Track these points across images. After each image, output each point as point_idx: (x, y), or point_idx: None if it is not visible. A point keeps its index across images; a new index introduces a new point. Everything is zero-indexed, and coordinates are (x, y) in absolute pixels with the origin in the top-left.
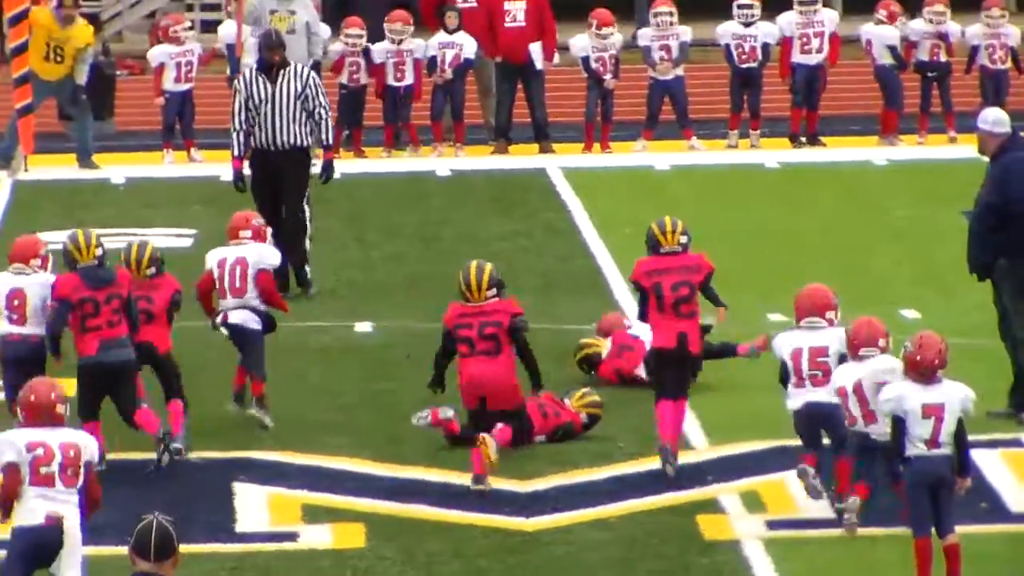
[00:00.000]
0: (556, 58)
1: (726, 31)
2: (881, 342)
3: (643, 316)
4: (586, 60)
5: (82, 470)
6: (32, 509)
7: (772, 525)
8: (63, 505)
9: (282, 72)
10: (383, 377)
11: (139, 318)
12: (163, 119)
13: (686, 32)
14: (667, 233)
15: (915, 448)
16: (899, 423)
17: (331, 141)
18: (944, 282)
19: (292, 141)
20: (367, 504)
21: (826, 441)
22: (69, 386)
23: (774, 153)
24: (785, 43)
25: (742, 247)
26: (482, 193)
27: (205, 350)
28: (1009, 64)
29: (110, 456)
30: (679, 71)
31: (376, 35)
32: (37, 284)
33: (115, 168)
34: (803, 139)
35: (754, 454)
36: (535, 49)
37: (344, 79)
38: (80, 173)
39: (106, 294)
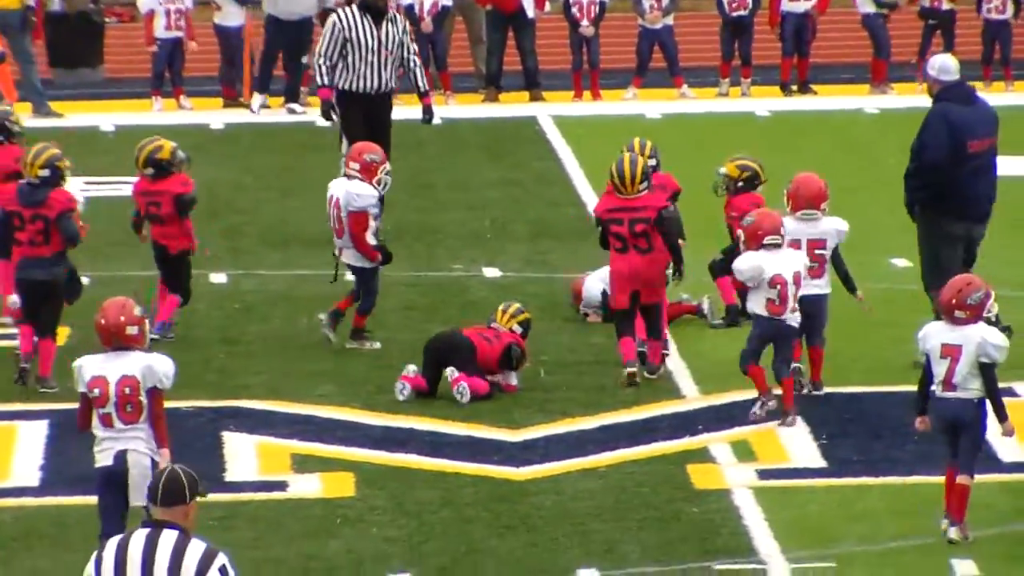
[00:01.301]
0: (547, 6)
1: None
2: (782, 230)
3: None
4: (568, 4)
5: (144, 399)
6: (101, 449)
7: (762, 474)
8: (127, 441)
9: (386, 16)
10: (374, 326)
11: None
12: (152, 67)
13: None
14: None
15: (936, 388)
16: (925, 361)
17: (426, 85)
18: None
19: (391, 86)
20: (356, 453)
21: None
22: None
23: (765, 101)
24: None
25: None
26: (473, 141)
27: (194, 300)
28: (1010, 14)
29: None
30: (668, 20)
31: None
32: None
33: (104, 116)
34: (794, 87)
35: (744, 404)
36: None
37: None
38: (69, 120)
39: (32, 213)
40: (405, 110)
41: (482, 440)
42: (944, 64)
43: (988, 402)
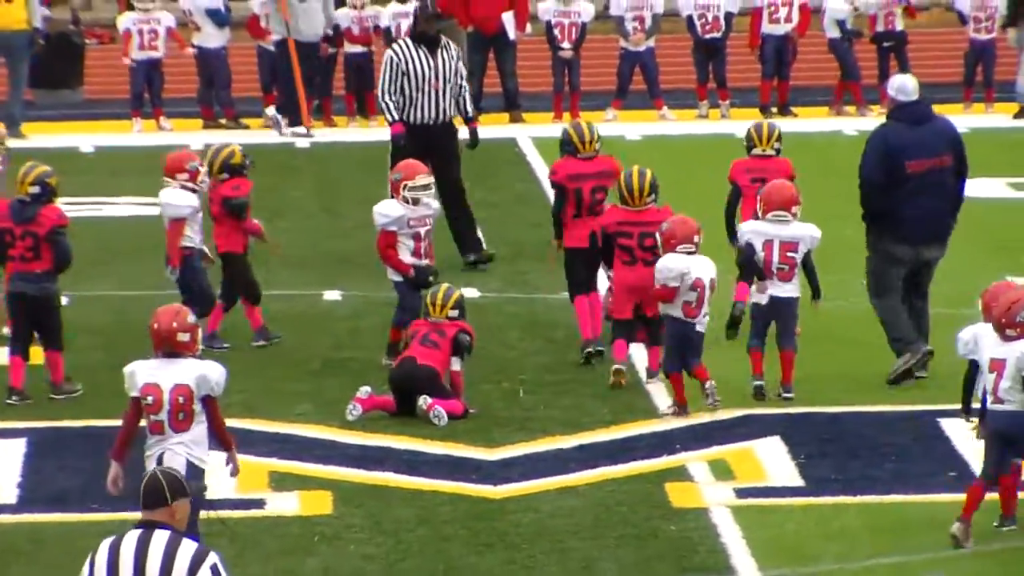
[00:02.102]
0: (528, 28)
1: (688, 1)
2: (696, 238)
3: (558, 211)
4: (549, 25)
5: (197, 407)
6: (149, 455)
7: (740, 493)
8: (169, 443)
9: (440, 44)
10: (351, 346)
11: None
12: (131, 87)
13: (659, 3)
14: (585, 142)
15: (988, 398)
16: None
17: (473, 111)
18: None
19: (450, 114)
20: (334, 471)
21: None
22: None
23: (744, 123)
24: (755, 13)
25: (713, 217)
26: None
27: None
28: (997, 33)
29: (74, 424)
30: (650, 42)
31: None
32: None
33: (84, 137)
34: (773, 109)
35: (722, 422)
36: (507, 19)
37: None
38: (48, 141)
39: (23, 229)
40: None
41: (460, 458)
42: (901, 84)
43: None
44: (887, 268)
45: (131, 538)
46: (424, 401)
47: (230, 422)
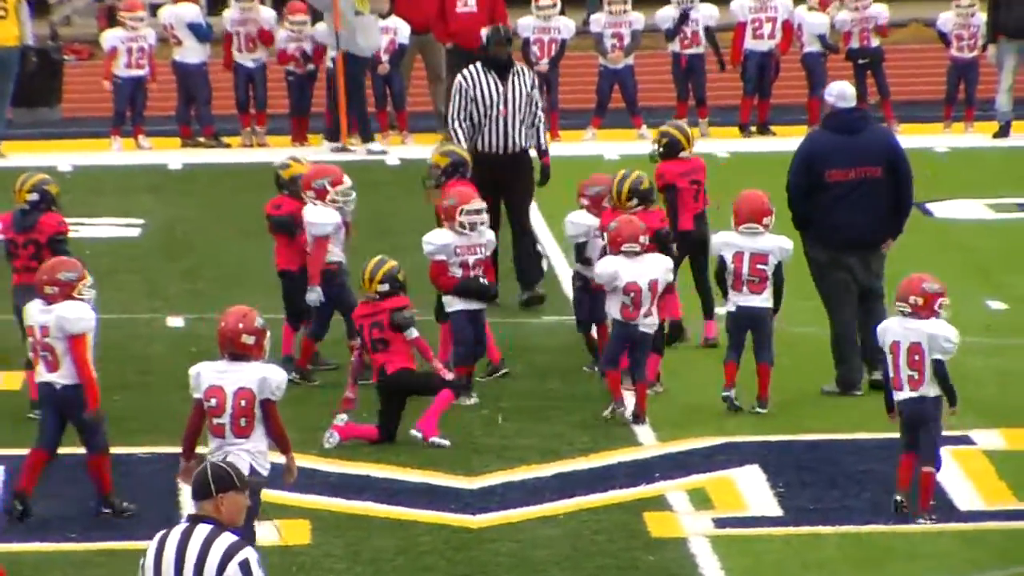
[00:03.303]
0: None
1: (666, 16)
2: (642, 239)
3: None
4: (527, 42)
5: (257, 411)
6: (210, 455)
7: (719, 523)
8: (232, 447)
9: (512, 70)
10: (331, 372)
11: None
12: (114, 105)
13: (639, 20)
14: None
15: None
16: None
17: (547, 144)
18: (891, 269)
19: (523, 144)
20: (312, 500)
21: None
22: None
23: (724, 142)
24: (738, 28)
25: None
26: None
27: (150, 343)
28: (978, 52)
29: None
30: (629, 59)
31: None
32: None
33: (62, 155)
34: (752, 128)
35: (701, 451)
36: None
37: (291, 66)
38: (27, 160)
39: (24, 238)
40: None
41: (439, 487)
42: (840, 91)
43: None
44: (820, 278)
45: (177, 530)
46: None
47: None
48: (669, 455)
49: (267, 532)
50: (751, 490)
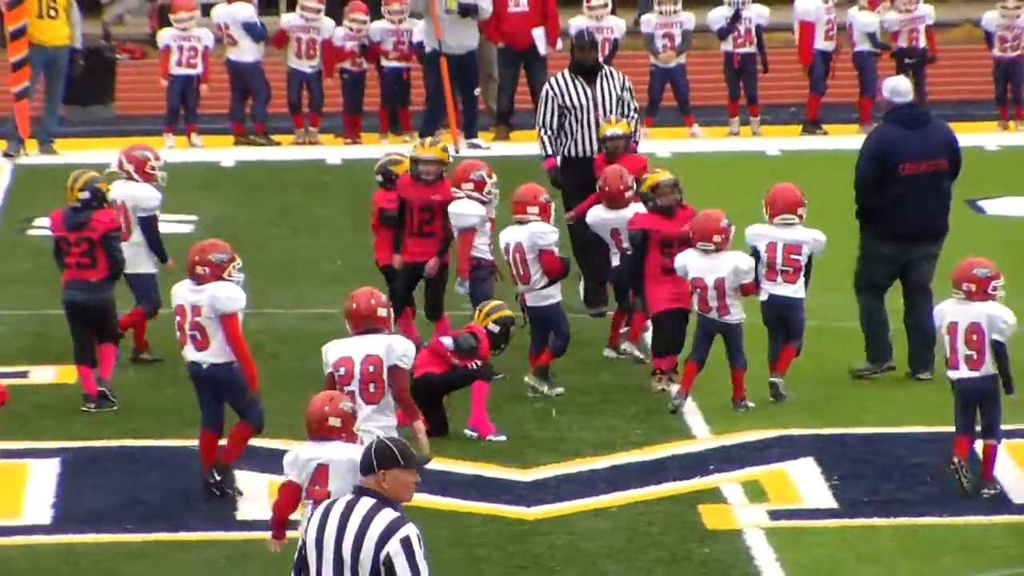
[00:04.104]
0: (559, 44)
1: (718, 16)
2: (716, 237)
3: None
4: None
5: (385, 379)
6: None
7: (773, 515)
8: (364, 422)
9: (599, 74)
10: None
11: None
12: (167, 103)
13: (689, 20)
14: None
15: None
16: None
17: (639, 139)
18: (943, 268)
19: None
20: None
21: None
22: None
23: (775, 140)
24: (806, 28)
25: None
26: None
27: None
28: (1022, 51)
29: (109, 444)
30: (681, 59)
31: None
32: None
33: (114, 153)
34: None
35: (756, 443)
36: (538, 35)
37: (347, 64)
38: (80, 157)
39: (76, 236)
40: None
41: (493, 480)
42: (896, 86)
43: None
44: (874, 266)
45: (341, 502)
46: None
47: (261, 442)
48: (723, 447)
49: None
50: (805, 482)
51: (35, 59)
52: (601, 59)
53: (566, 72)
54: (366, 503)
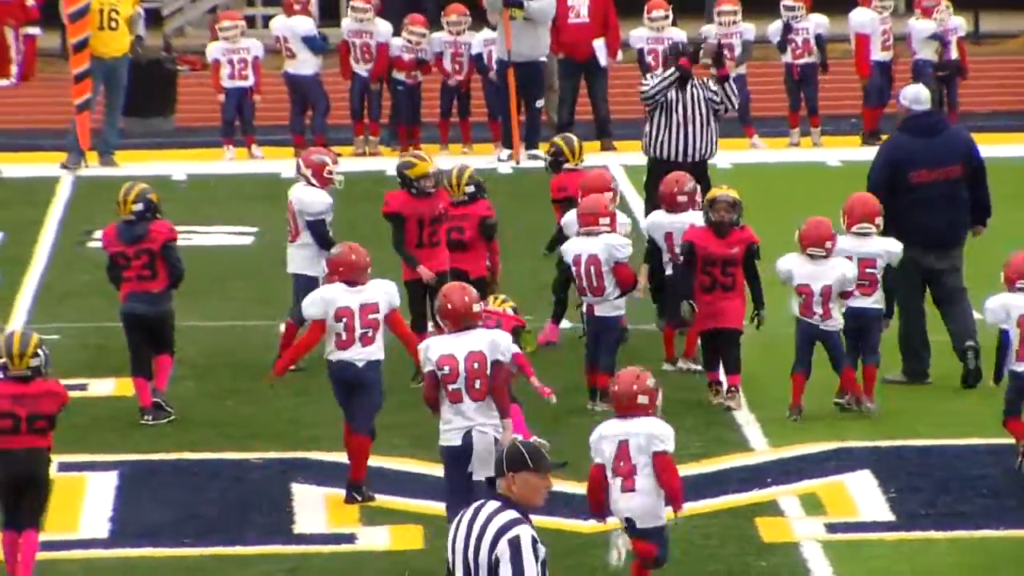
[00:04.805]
0: (620, 55)
1: (776, 28)
2: (828, 244)
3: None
4: (642, 52)
5: (488, 373)
6: (448, 429)
7: (831, 528)
8: (474, 420)
9: (691, 82)
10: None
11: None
12: (223, 115)
13: (749, 30)
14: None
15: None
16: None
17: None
18: (996, 278)
19: (704, 152)
20: (425, 505)
21: None
22: None
23: (836, 151)
24: (862, 40)
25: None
26: (543, 189)
27: (262, 350)
28: None
29: (166, 456)
30: (741, 69)
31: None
32: None
33: (175, 165)
34: (873, 137)
35: (813, 456)
36: (599, 46)
37: (402, 75)
38: (140, 169)
39: (135, 249)
40: (470, 160)
41: (551, 492)
42: (915, 94)
43: None
44: (900, 273)
45: (473, 506)
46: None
47: (321, 455)
48: (781, 460)
49: (378, 536)
50: (863, 495)
51: (96, 71)
52: (660, 70)
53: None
54: (492, 506)
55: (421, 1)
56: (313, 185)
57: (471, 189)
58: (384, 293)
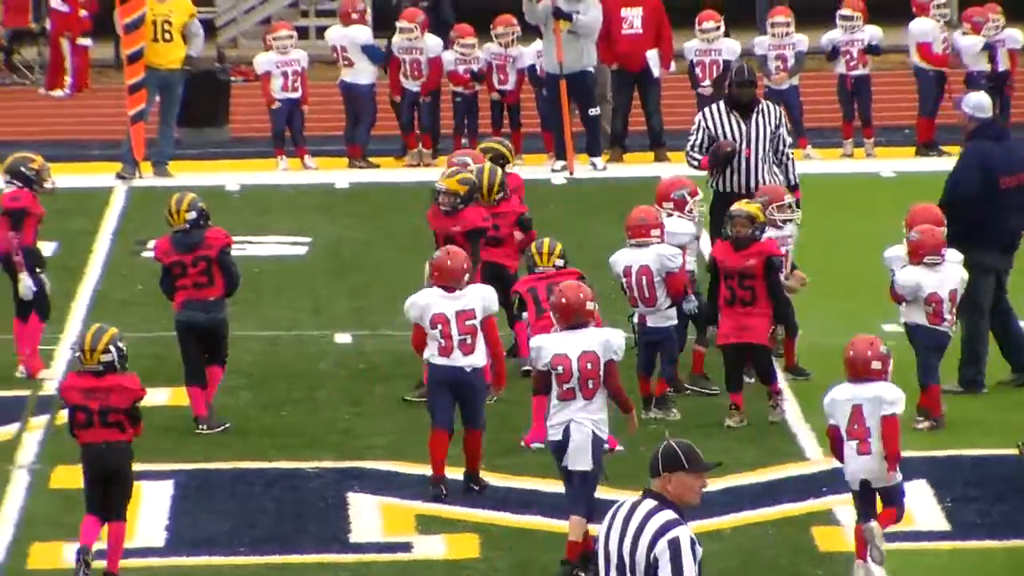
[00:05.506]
0: (673, 66)
1: (831, 38)
2: (944, 250)
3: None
4: (691, 64)
5: (601, 374)
6: (553, 424)
7: (886, 537)
8: (575, 413)
9: (756, 109)
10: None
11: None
12: (273, 127)
13: (802, 41)
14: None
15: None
16: None
17: (797, 181)
18: None
19: (766, 183)
20: (481, 514)
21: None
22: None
23: (890, 162)
24: (925, 49)
25: (858, 256)
26: (597, 201)
27: (317, 360)
28: None
29: (222, 466)
30: (794, 80)
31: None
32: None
33: (229, 175)
34: (928, 148)
35: None
36: (652, 56)
37: (459, 87)
38: (194, 179)
39: (193, 257)
40: (524, 170)
41: (606, 502)
42: (979, 102)
43: None
44: (980, 281)
45: (629, 502)
46: None
47: (375, 464)
48: (837, 470)
49: (434, 545)
50: (918, 504)
51: (151, 82)
52: (708, 82)
53: (721, 105)
54: (648, 504)
55: (438, 9)
56: None
57: (500, 195)
58: (481, 299)
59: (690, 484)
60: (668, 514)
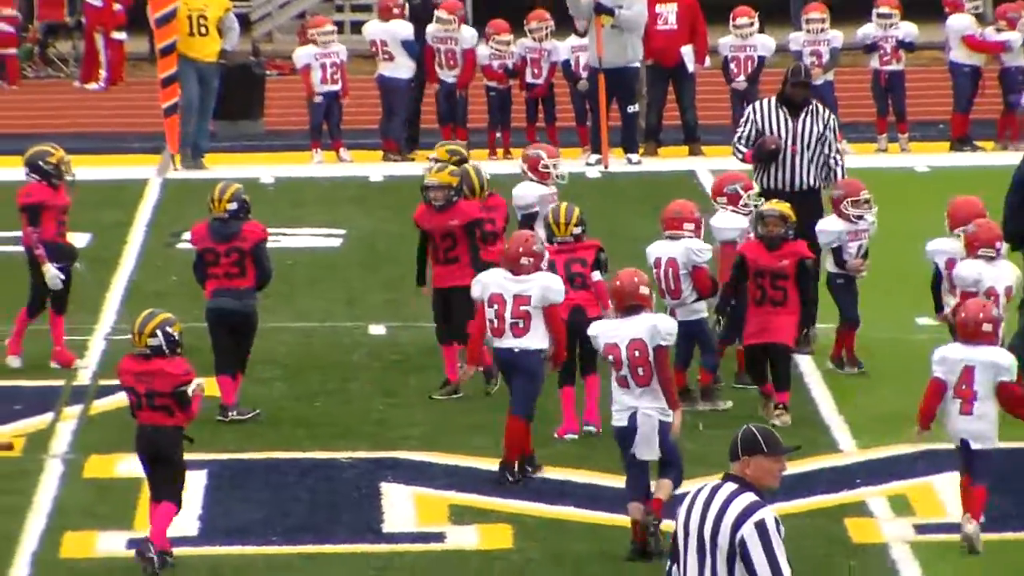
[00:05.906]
0: (707, 61)
1: (866, 34)
2: (998, 243)
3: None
4: (726, 59)
5: (652, 359)
6: (617, 409)
7: (920, 529)
8: (639, 400)
9: (806, 109)
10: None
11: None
12: (310, 119)
13: (837, 37)
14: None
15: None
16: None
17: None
18: None
19: (811, 182)
20: (514, 505)
21: None
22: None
23: (924, 157)
24: (970, 40)
25: (893, 251)
26: (632, 194)
27: (351, 351)
28: None
29: (256, 456)
30: (829, 75)
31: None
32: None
33: (264, 168)
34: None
35: (902, 457)
36: (687, 52)
37: (493, 82)
38: (229, 172)
39: (227, 247)
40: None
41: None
42: None
43: None
44: None
45: (707, 488)
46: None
47: (409, 455)
48: (870, 462)
49: (467, 535)
50: (952, 496)
51: (186, 75)
52: (743, 78)
53: (773, 100)
54: (728, 488)
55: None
56: (531, 179)
57: (489, 191)
58: (540, 287)
59: (768, 467)
60: (750, 496)
